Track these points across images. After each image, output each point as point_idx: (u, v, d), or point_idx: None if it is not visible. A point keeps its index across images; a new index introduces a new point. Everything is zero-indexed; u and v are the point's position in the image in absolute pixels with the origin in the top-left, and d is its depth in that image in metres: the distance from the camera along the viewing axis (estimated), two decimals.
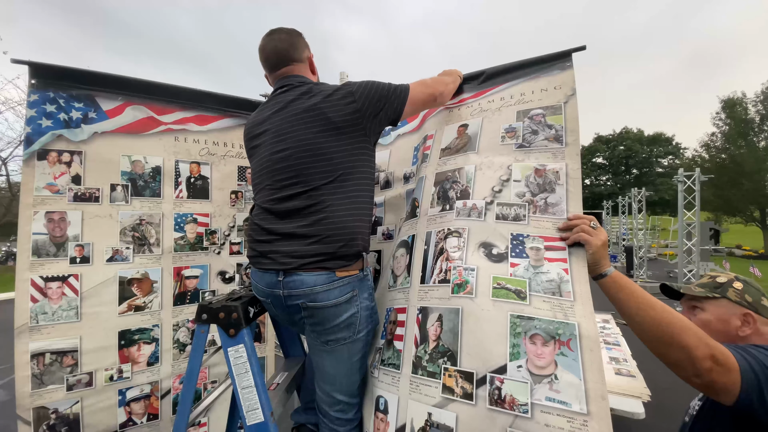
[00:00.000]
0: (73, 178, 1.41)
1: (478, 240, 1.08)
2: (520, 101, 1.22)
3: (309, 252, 1.00)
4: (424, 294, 1.10)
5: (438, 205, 1.21)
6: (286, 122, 1.07)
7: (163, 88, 1.57)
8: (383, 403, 1.06)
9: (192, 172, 1.63)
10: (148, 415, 1.46)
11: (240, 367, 0.99)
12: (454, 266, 1.06)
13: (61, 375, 1.33)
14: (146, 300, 1.49)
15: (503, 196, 1.11)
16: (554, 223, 1.03)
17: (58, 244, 1.37)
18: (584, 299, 0.92)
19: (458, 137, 1.30)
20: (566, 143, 1.10)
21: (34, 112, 1.35)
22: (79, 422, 1.34)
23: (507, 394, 0.87)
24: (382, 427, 1.04)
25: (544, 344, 0.89)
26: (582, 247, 0.97)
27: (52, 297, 1.34)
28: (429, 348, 1.01)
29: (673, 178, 5.93)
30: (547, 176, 1.08)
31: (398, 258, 1.28)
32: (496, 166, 1.16)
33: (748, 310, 0.96)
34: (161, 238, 1.54)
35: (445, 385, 0.95)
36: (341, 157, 1.04)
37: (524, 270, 0.99)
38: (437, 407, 0.94)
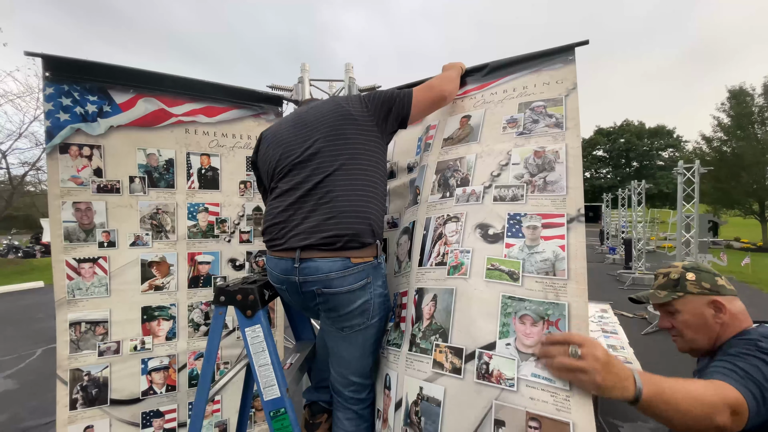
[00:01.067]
0: (94, 171, 1.50)
1: (474, 222, 1.11)
2: (523, 94, 1.24)
3: (324, 233, 1.03)
4: (421, 276, 1.16)
5: (438, 192, 1.25)
6: (308, 113, 1.17)
7: (173, 80, 1.64)
8: (388, 380, 1.14)
9: (203, 164, 1.72)
10: (167, 386, 1.59)
11: (257, 346, 1.08)
12: (451, 249, 1.10)
13: (93, 342, 1.48)
14: (164, 281, 1.60)
15: (501, 179, 1.13)
16: (552, 200, 1.04)
17: (87, 230, 1.49)
18: (579, 277, 0.93)
19: (460, 128, 1.34)
20: (566, 128, 1.12)
21: (51, 106, 1.43)
22: (107, 385, 1.49)
23: (494, 369, 0.91)
24: (387, 402, 1.12)
25: (533, 324, 0.92)
26: (581, 222, 0.98)
27: (85, 275, 1.48)
28: (423, 326, 1.06)
29: (673, 170, 5.98)
30: (547, 156, 1.10)
31: (402, 245, 1.35)
32: (495, 153, 1.19)
33: (712, 296, 1.01)
34: (176, 225, 1.65)
35: (436, 360, 0.99)
36: (358, 141, 1.11)
37: (519, 251, 1.02)
38: (428, 381, 0.99)
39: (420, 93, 1.22)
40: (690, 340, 1.05)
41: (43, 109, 1.43)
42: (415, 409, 0.99)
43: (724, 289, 1.04)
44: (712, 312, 1.01)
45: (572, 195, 1.03)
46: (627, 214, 14.32)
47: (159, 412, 1.57)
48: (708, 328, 1.01)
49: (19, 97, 13.18)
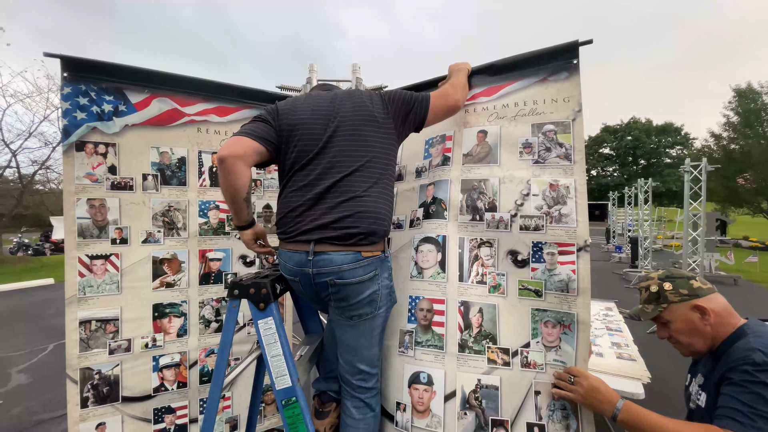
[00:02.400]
0: (109, 168, 1.53)
1: (506, 248, 1.36)
2: (533, 111, 1.38)
3: (338, 228, 1.09)
4: (464, 291, 1.37)
5: (468, 213, 1.43)
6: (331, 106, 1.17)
7: (186, 80, 1.67)
8: (425, 377, 1.32)
9: (214, 162, 1.74)
10: (178, 383, 1.61)
11: (269, 337, 1.11)
12: (489, 272, 1.37)
13: (104, 340, 1.50)
14: (175, 278, 1.63)
15: (525, 209, 1.35)
16: (566, 231, 1.28)
17: (100, 227, 1.52)
18: (584, 293, 1.23)
19: (479, 144, 1.46)
20: (574, 161, 1.31)
21: (68, 105, 1.47)
22: (118, 383, 1.51)
23: (531, 360, 1.26)
24: (426, 396, 1.30)
25: (553, 327, 1.26)
26: (587, 252, 1.23)
27: (97, 272, 1.50)
28: (473, 333, 1.32)
29: (680, 168, 5.93)
30: (560, 191, 1.31)
31: (424, 252, 1.43)
32: (516, 181, 1.38)
33: (692, 300, 1.09)
34: (187, 223, 1.67)
35: (489, 358, 1.29)
36: (378, 147, 1.15)
37: (541, 273, 1.29)
38: (485, 374, 1.28)
39: (437, 100, 1.27)
40: (687, 345, 1.10)
41: (60, 108, 1.46)
42: (474, 396, 1.27)
43: (702, 291, 1.11)
44: (698, 315, 1.08)
45: (580, 227, 1.27)
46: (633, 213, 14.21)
47: (170, 408, 1.60)
48: (700, 332, 1.08)
49: (29, 97, 13.40)
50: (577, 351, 1.22)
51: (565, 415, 1.21)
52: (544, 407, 1.23)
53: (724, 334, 1.04)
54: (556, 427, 1.21)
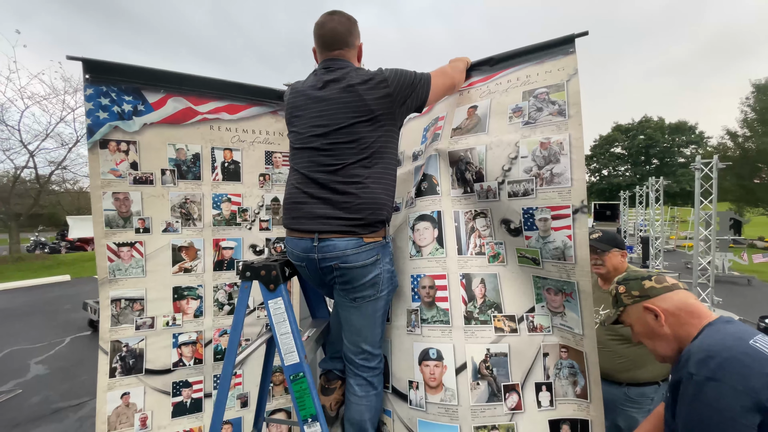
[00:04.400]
0: (131, 164, 1.66)
1: (498, 218, 1.33)
2: (526, 82, 1.32)
3: (341, 216, 1.16)
4: (464, 263, 1.36)
5: (459, 187, 1.40)
6: (326, 102, 1.20)
7: (199, 80, 1.78)
8: (435, 353, 1.32)
9: (225, 158, 1.86)
10: (195, 359, 1.74)
11: (279, 316, 1.21)
12: (487, 242, 1.36)
13: (131, 317, 1.65)
14: (192, 264, 1.76)
15: (512, 174, 1.27)
16: (559, 193, 1.18)
17: (125, 218, 1.65)
18: (583, 261, 1.18)
19: (468, 117, 1.42)
20: (569, 115, 1.20)
21: (91, 105, 1.59)
22: (143, 356, 1.66)
23: (538, 324, 1.30)
24: (437, 372, 1.30)
25: (555, 294, 1.26)
26: (585, 214, 1.16)
27: (124, 258, 1.65)
28: (478, 304, 1.32)
29: (690, 165, 5.88)
30: (552, 148, 1.20)
31: (420, 230, 1.41)
32: (504, 145, 1.29)
33: (642, 302, 1.02)
34: (202, 214, 1.79)
35: (496, 327, 1.31)
36: (373, 142, 1.20)
37: (535, 241, 1.25)
38: (493, 343, 1.29)
39: (437, 79, 1.29)
40: (653, 349, 1.03)
41: (84, 108, 1.59)
42: (485, 365, 1.28)
43: (654, 290, 1.04)
44: (651, 317, 1.01)
45: (576, 187, 1.17)
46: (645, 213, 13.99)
47: (187, 383, 1.72)
48: (657, 334, 1.00)
49: (46, 99, 13.86)
50: (582, 318, 1.21)
51: (573, 372, 1.24)
52: (551, 367, 1.26)
53: (688, 336, 0.94)
54: (563, 383, 1.25)
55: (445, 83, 1.34)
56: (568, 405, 1.28)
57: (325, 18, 1.28)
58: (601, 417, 1.24)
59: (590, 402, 1.25)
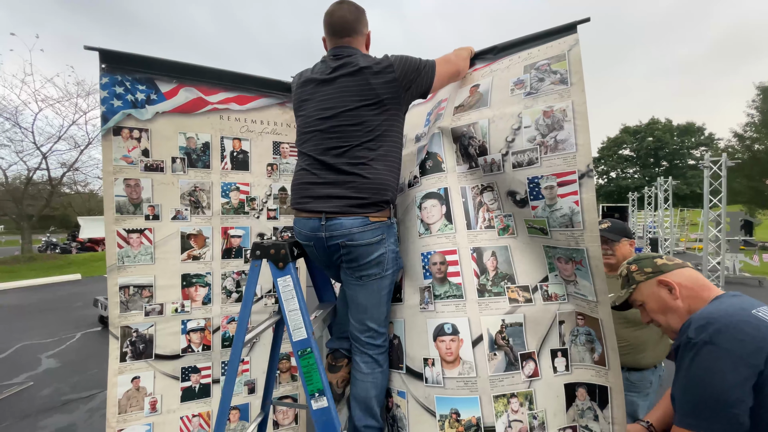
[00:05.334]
0: (143, 152, 1.70)
1: (505, 190, 1.32)
2: (528, 58, 1.34)
3: (347, 195, 1.19)
4: (474, 237, 1.36)
5: (464, 163, 1.40)
6: (333, 86, 1.25)
7: (210, 71, 1.82)
8: (450, 327, 1.30)
9: (234, 147, 1.89)
10: (203, 345, 1.77)
11: (287, 294, 1.23)
12: (495, 215, 1.36)
13: (140, 303, 1.67)
14: (201, 252, 1.79)
15: (516, 145, 1.26)
16: (564, 159, 1.18)
17: (135, 204, 1.69)
18: (591, 227, 1.17)
19: (470, 95, 1.44)
20: (571, 83, 1.20)
21: (106, 93, 1.63)
22: (152, 342, 1.68)
23: (553, 292, 1.30)
24: (453, 346, 1.28)
25: (566, 263, 1.26)
26: (591, 178, 1.15)
27: (133, 244, 1.68)
28: (490, 276, 1.32)
29: (699, 164, 5.83)
30: (555, 116, 1.20)
31: (428, 208, 1.41)
32: (507, 117, 1.29)
33: (657, 277, 1.06)
34: (211, 202, 1.83)
35: (510, 298, 1.30)
36: (378, 125, 1.23)
37: (542, 210, 1.24)
38: (509, 314, 1.29)
39: (441, 66, 1.33)
40: (666, 325, 1.05)
41: (99, 96, 1.63)
42: (500, 336, 1.27)
43: (667, 267, 1.08)
44: (666, 291, 1.05)
45: (581, 151, 1.16)
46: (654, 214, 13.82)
47: (196, 368, 1.75)
48: (671, 308, 1.02)
49: (59, 102, 14.17)
50: (594, 285, 1.20)
51: (590, 339, 1.23)
52: (567, 334, 1.27)
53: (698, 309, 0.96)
54: (579, 349, 1.25)
55: (450, 70, 1.37)
56: (585, 370, 1.28)
57: (335, 7, 1.33)
58: (620, 384, 1.22)
59: (609, 369, 1.24)
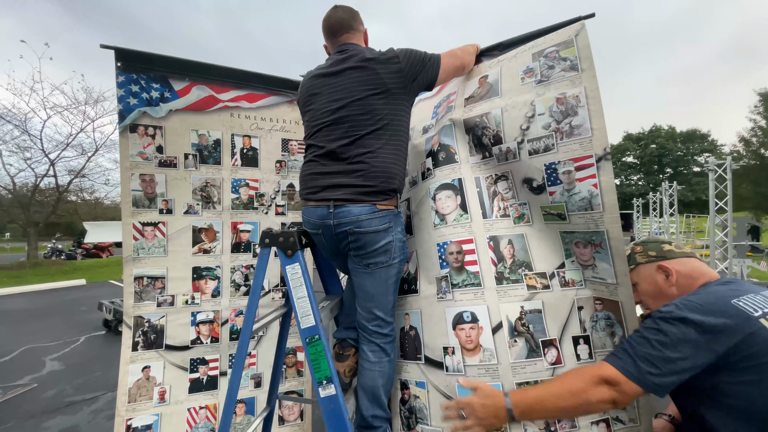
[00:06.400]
0: (157, 148, 1.75)
1: (520, 178, 1.33)
2: (534, 46, 1.34)
3: (355, 183, 1.22)
4: (490, 226, 1.36)
5: (477, 153, 1.41)
6: (342, 78, 1.29)
7: (220, 70, 1.88)
8: (469, 316, 1.30)
9: (244, 144, 1.94)
10: (212, 338, 1.79)
11: (296, 281, 1.25)
12: (510, 204, 1.36)
13: (153, 294, 1.71)
14: (211, 245, 1.83)
15: (531, 132, 1.27)
16: (581, 144, 1.18)
17: (150, 198, 1.74)
18: (611, 208, 1.16)
19: (480, 86, 1.45)
20: (582, 69, 1.20)
21: (122, 92, 1.69)
22: (163, 332, 1.72)
23: (570, 278, 1.28)
24: (473, 334, 1.28)
25: (585, 247, 1.24)
26: (608, 161, 1.15)
27: (148, 237, 1.72)
28: (507, 264, 1.32)
29: (703, 166, 5.82)
30: (569, 102, 1.20)
31: (442, 199, 1.42)
32: (520, 105, 1.29)
33: (658, 261, 1.08)
34: (222, 197, 1.87)
35: (528, 284, 1.29)
36: (386, 114, 1.26)
37: (560, 195, 1.24)
38: (527, 300, 1.28)
39: (446, 59, 1.37)
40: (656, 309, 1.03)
41: (116, 94, 1.69)
42: (520, 323, 1.26)
43: (672, 254, 1.10)
44: (663, 277, 1.08)
45: (597, 135, 1.17)
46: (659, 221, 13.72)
47: (204, 360, 1.77)
48: (664, 294, 1.04)
49: (67, 109, 14.44)
50: (614, 266, 1.17)
51: (609, 324, 1.21)
52: (587, 320, 1.24)
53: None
54: (600, 335, 1.22)
55: (455, 63, 1.41)
56: None
57: (330, 12, 1.42)
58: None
59: None
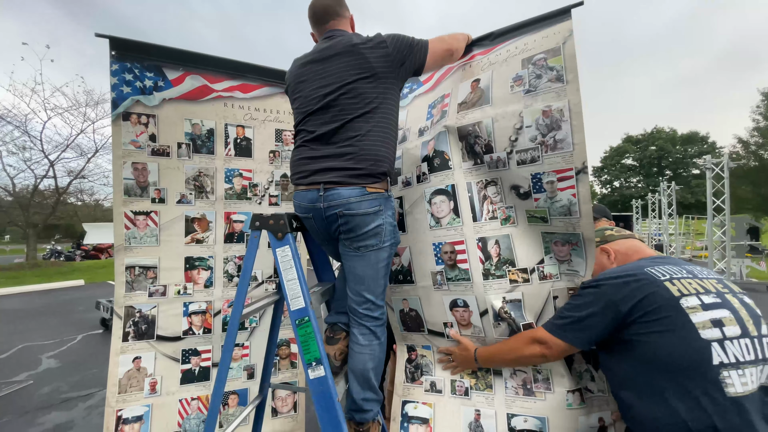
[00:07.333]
0: (150, 137, 1.75)
1: (508, 184, 1.45)
2: (524, 50, 1.41)
3: (345, 166, 1.22)
4: (479, 228, 1.50)
5: (470, 159, 1.51)
6: (330, 63, 1.29)
7: (214, 60, 1.87)
8: (462, 301, 1.52)
9: (238, 134, 1.94)
10: (204, 328, 1.78)
11: (286, 263, 1.25)
12: (498, 207, 1.48)
13: (145, 284, 1.70)
14: (204, 235, 1.81)
15: (519, 144, 1.38)
16: (563, 157, 1.31)
17: (142, 187, 1.73)
18: (586, 215, 1.30)
19: (472, 91, 1.52)
20: (567, 81, 1.29)
21: (116, 80, 1.69)
22: (155, 323, 1.70)
23: (547, 272, 1.42)
24: (466, 315, 1.51)
25: (563, 245, 1.39)
26: (586, 174, 1.30)
27: (140, 226, 1.71)
28: (494, 262, 1.47)
29: (701, 165, 5.82)
30: (553, 116, 1.30)
31: (437, 203, 1.56)
32: (509, 116, 1.39)
33: (600, 245, 1.35)
34: (215, 187, 1.86)
35: (511, 279, 1.44)
36: (374, 98, 1.26)
37: (543, 202, 1.38)
38: (509, 292, 1.44)
39: (435, 43, 1.37)
40: None
41: (110, 83, 1.69)
42: (503, 310, 1.43)
43: (612, 237, 1.37)
44: (605, 257, 1.33)
45: (577, 150, 1.28)
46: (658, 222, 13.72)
47: (196, 351, 1.75)
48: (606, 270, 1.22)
49: (67, 110, 14.48)
50: (586, 260, 1.35)
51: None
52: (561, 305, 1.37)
53: None
54: None
55: (443, 48, 1.41)
56: None
57: (315, 0, 1.43)
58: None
59: None
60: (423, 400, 1.57)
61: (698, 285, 1.02)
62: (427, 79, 1.81)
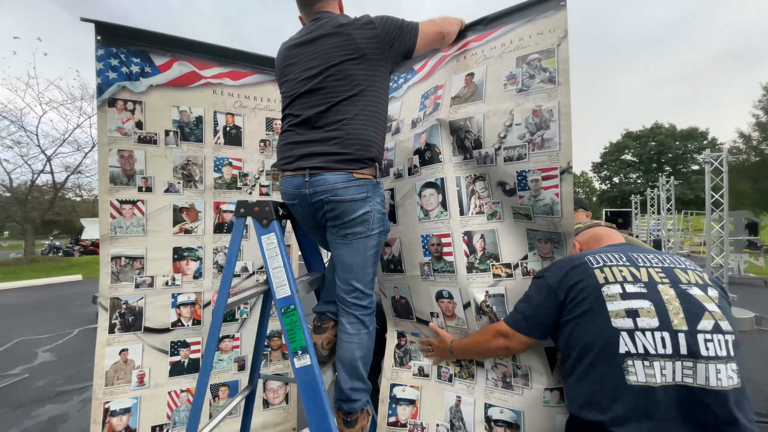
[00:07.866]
0: (136, 124, 1.70)
1: (495, 180, 1.45)
2: (519, 46, 1.38)
3: (331, 151, 1.18)
4: (466, 222, 1.50)
5: (460, 154, 1.51)
6: (317, 44, 1.25)
7: (203, 46, 1.82)
8: (447, 293, 1.55)
9: (228, 122, 1.89)
10: (193, 320, 1.75)
11: (271, 251, 1.22)
12: (485, 202, 1.48)
13: (131, 275, 1.66)
14: (193, 225, 1.78)
15: (508, 141, 1.38)
16: (549, 156, 1.31)
17: (129, 176, 1.69)
18: (568, 215, 1.31)
19: (466, 86, 1.50)
20: (558, 83, 1.29)
21: (101, 65, 1.64)
22: (142, 315, 1.67)
23: (531, 268, 1.41)
24: (451, 306, 1.54)
25: (546, 242, 1.40)
26: (570, 174, 1.30)
27: (126, 216, 1.67)
28: (478, 256, 1.48)
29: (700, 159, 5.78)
30: (543, 115, 1.31)
31: (427, 196, 1.57)
32: (500, 113, 1.39)
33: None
34: (204, 176, 1.82)
35: (494, 273, 1.45)
36: (362, 80, 1.22)
37: (527, 199, 1.38)
38: (492, 286, 1.45)
39: (425, 26, 1.33)
40: None
41: (95, 68, 1.64)
42: (485, 303, 1.44)
43: (578, 230, 1.45)
44: (575, 249, 1.37)
45: (563, 150, 1.28)
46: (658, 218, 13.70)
47: (185, 343, 1.73)
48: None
49: (63, 104, 14.36)
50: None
51: None
52: None
53: None
54: None
55: (434, 30, 1.36)
56: None
57: None
58: None
59: None
60: (411, 384, 1.65)
61: (630, 273, 1.03)
62: (420, 67, 1.77)
